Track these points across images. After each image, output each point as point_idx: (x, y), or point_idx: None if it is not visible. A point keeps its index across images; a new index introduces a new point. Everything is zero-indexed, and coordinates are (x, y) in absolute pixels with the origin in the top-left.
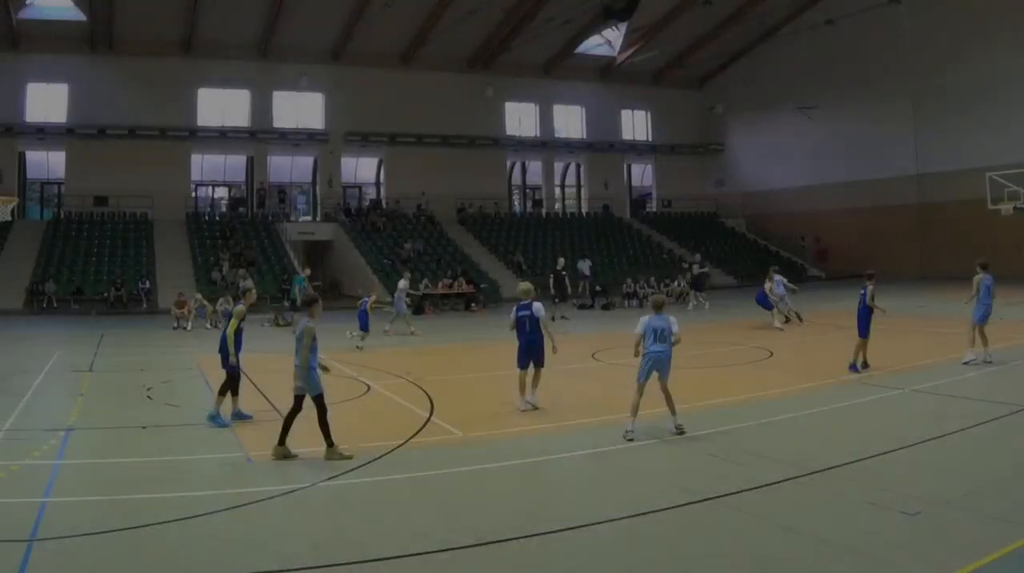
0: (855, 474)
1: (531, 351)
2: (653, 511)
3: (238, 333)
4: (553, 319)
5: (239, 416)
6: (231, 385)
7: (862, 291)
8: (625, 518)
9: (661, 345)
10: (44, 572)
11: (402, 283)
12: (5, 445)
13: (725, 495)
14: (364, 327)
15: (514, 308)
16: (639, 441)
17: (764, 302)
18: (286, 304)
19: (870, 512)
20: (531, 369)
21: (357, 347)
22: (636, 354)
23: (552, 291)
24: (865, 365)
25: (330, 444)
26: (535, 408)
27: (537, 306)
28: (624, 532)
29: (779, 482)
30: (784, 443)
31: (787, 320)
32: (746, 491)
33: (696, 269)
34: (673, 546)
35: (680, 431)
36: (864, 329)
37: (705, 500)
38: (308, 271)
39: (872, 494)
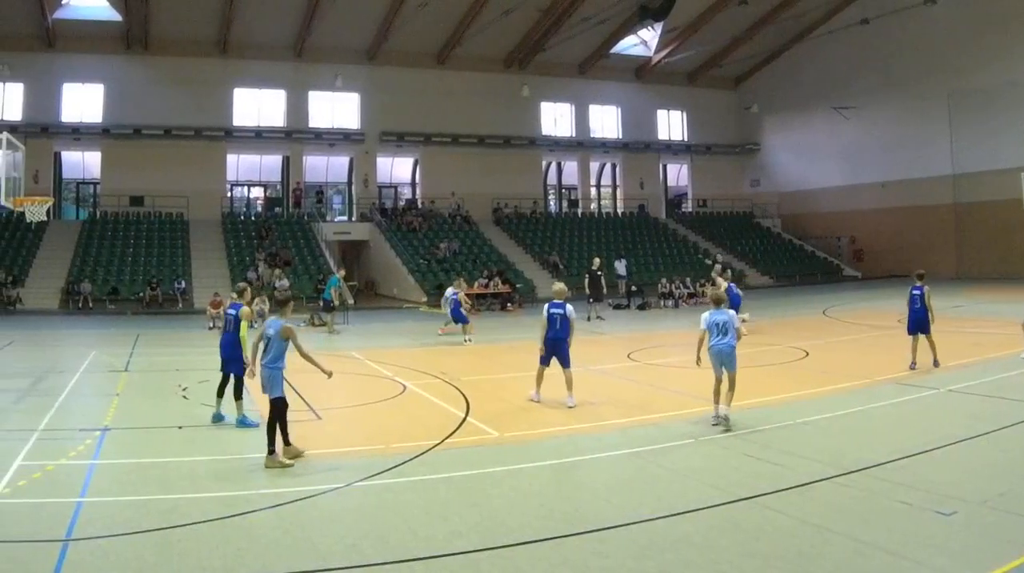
0: (890, 474)
1: (556, 347)
2: (688, 511)
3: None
4: (588, 319)
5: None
6: (240, 388)
7: (917, 291)
8: (660, 518)
9: (723, 338)
10: (79, 572)
11: (449, 291)
12: (41, 445)
13: (760, 495)
14: (464, 320)
15: (546, 305)
16: (675, 441)
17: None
18: (321, 303)
19: (905, 512)
20: (551, 367)
21: (466, 341)
22: (700, 350)
23: (587, 291)
24: (913, 365)
25: (272, 451)
26: (570, 407)
27: (570, 308)
28: (659, 532)
29: (814, 482)
30: (820, 443)
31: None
32: (781, 491)
33: (719, 268)
34: (708, 546)
35: (720, 423)
36: (927, 326)
37: (740, 500)
38: (343, 272)
39: (907, 494)
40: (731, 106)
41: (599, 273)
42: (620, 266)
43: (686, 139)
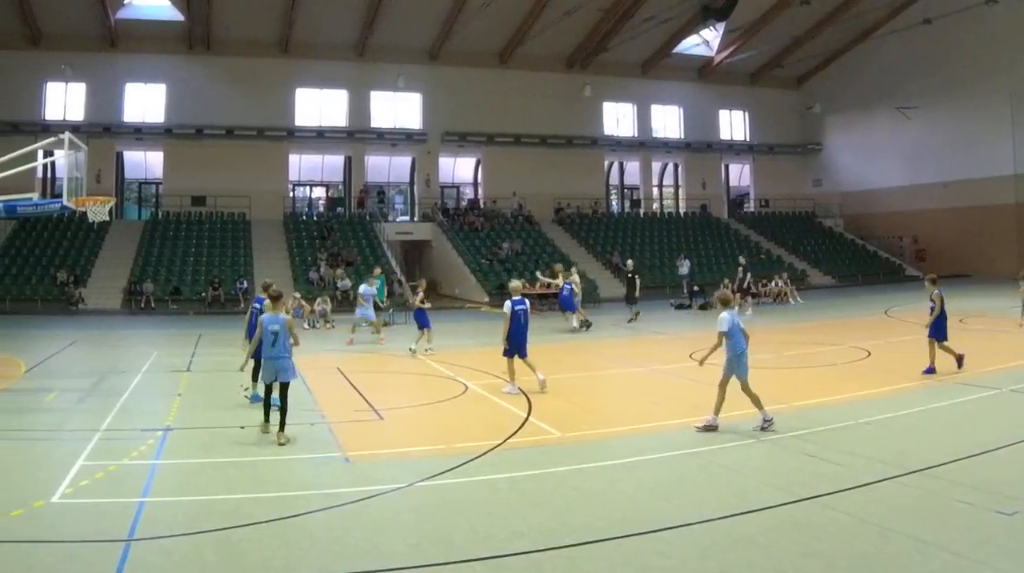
0: (951, 474)
1: (522, 340)
2: (749, 511)
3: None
4: (629, 321)
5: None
6: (258, 370)
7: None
8: (721, 518)
9: (746, 341)
10: (141, 572)
11: (363, 288)
12: (103, 445)
13: (822, 495)
14: (574, 308)
15: (509, 302)
16: (736, 441)
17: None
18: (383, 303)
19: (966, 512)
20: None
21: (585, 325)
22: (715, 349)
23: (627, 292)
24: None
25: (268, 420)
26: (541, 380)
27: (527, 302)
28: (720, 532)
29: (876, 482)
30: (881, 443)
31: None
32: (843, 491)
33: (740, 271)
34: (769, 546)
35: (768, 427)
36: (944, 332)
37: (802, 500)
38: (378, 270)
39: (968, 494)
40: (793, 106)
41: (631, 275)
42: (683, 266)
43: (748, 139)
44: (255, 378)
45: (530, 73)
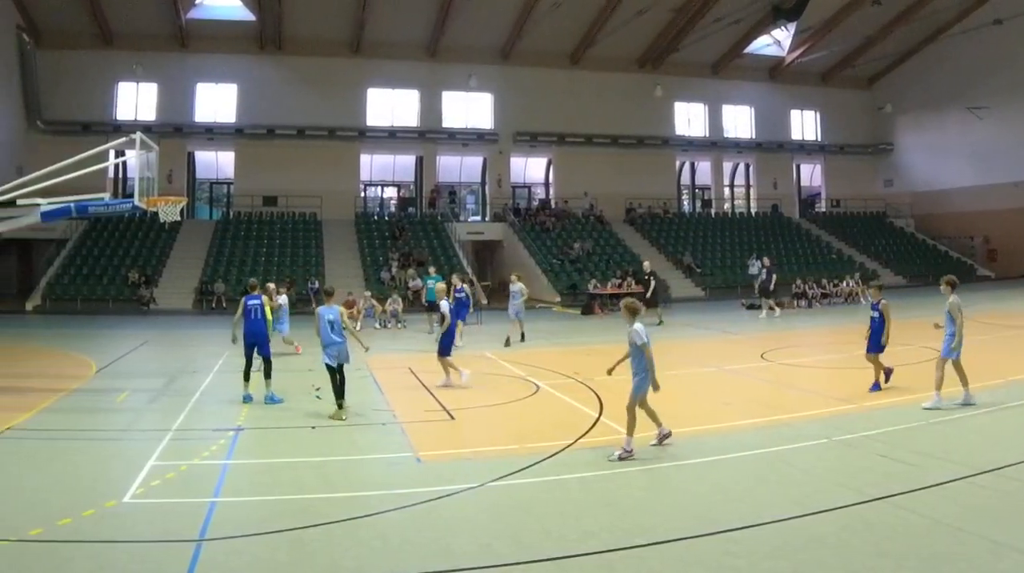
0: None
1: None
2: (821, 511)
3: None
4: (659, 323)
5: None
6: (270, 369)
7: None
8: (793, 518)
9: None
10: (213, 572)
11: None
12: (174, 445)
13: (893, 495)
14: (460, 317)
15: (446, 302)
16: (807, 441)
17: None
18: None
19: None
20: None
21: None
22: (650, 368)
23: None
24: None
25: (341, 406)
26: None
27: (444, 304)
28: (792, 532)
29: (948, 482)
30: (954, 443)
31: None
32: (914, 491)
33: (764, 273)
34: (841, 546)
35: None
36: (876, 343)
37: (872, 500)
38: (434, 269)
39: None
40: (864, 106)
41: (647, 277)
42: (753, 266)
43: (819, 139)
44: (247, 378)
45: (601, 73)
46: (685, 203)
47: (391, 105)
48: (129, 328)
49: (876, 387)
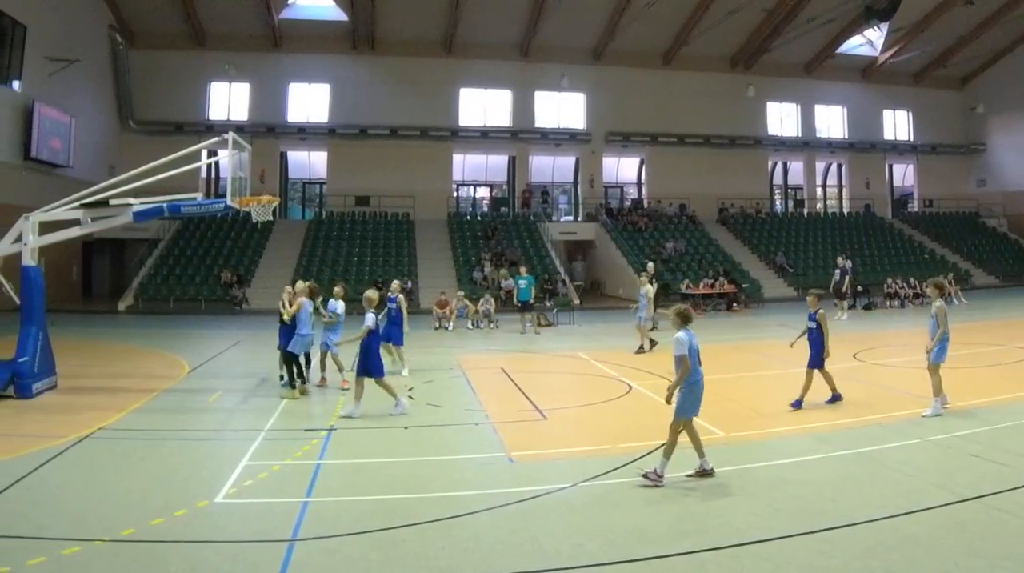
0: None
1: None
2: (913, 511)
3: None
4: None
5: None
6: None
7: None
8: (885, 518)
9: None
10: (305, 571)
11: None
12: (266, 445)
13: (986, 495)
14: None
15: (372, 314)
16: (899, 441)
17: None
18: (548, 304)
19: None
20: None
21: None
22: (678, 381)
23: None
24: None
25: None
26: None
27: (370, 316)
28: (885, 532)
29: None
30: None
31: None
32: (1008, 491)
33: (836, 274)
34: (934, 546)
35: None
36: (816, 357)
37: (966, 500)
38: (525, 269)
39: None
40: (957, 106)
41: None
42: (845, 266)
43: (912, 139)
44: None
45: (693, 73)
46: (777, 203)
47: (483, 105)
48: (221, 328)
49: (797, 404)
